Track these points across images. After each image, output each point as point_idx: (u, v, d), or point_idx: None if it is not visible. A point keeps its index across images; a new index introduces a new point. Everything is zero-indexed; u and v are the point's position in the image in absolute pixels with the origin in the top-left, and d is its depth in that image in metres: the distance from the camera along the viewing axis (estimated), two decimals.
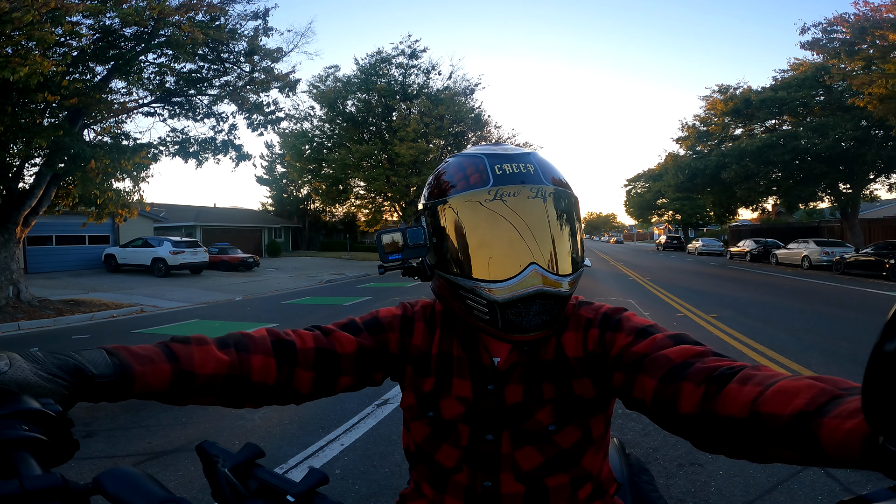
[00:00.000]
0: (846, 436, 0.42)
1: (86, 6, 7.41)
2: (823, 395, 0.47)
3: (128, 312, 9.78)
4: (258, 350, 0.72)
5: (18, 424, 0.46)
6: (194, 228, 28.13)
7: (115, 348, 0.62)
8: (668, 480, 2.65)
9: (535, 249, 0.73)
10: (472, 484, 0.76)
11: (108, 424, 3.51)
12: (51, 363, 0.54)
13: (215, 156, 11.91)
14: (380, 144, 25.53)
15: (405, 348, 0.84)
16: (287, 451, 3.09)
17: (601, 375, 0.74)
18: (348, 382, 0.79)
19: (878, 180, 23.02)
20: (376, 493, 2.57)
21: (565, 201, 0.76)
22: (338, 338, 0.78)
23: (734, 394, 0.53)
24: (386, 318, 0.84)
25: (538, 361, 0.78)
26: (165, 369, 0.63)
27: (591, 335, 0.76)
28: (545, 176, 0.76)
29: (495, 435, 0.75)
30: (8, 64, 6.58)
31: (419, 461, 0.81)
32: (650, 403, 0.64)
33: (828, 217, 31.68)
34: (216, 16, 9.79)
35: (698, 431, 0.58)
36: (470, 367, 0.79)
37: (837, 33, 16.19)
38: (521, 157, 0.77)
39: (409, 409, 0.82)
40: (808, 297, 10.54)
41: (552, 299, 0.73)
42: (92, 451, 3.12)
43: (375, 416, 3.68)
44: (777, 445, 0.49)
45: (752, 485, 2.57)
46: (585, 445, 0.76)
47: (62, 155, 8.61)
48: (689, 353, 0.63)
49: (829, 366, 4.81)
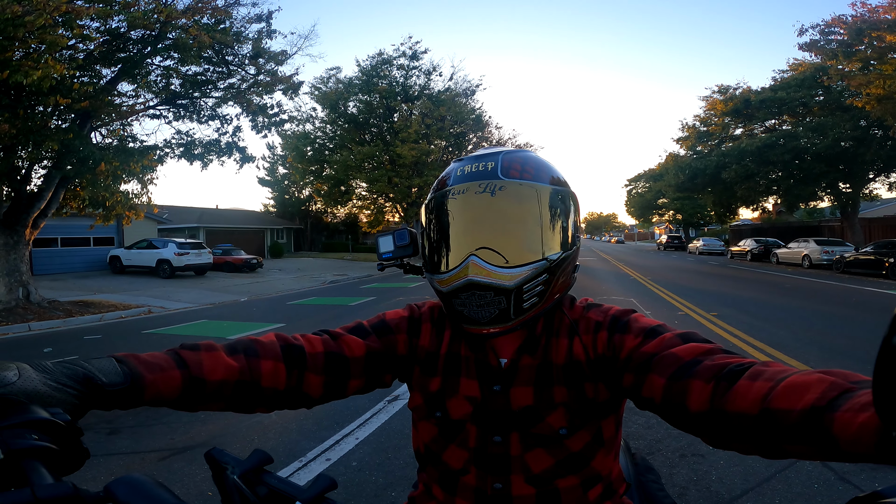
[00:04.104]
0: (859, 429, 0.42)
1: (96, 10, 7.53)
2: (834, 390, 0.47)
3: (136, 313, 9.91)
4: (267, 355, 0.72)
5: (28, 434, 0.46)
6: (198, 230, 28.29)
7: (124, 356, 0.62)
8: (671, 470, 2.77)
9: (476, 242, 0.74)
10: (482, 486, 0.76)
11: (131, 422, 3.63)
12: (60, 372, 0.54)
13: (220, 158, 12.04)
14: (381, 146, 25.67)
15: (413, 349, 0.85)
16: (305, 445, 3.22)
17: (612, 378, 0.74)
18: (358, 385, 0.80)
19: (878, 179, 23.16)
20: (392, 483, 2.69)
21: (528, 194, 0.75)
22: (346, 341, 0.79)
23: (744, 390, 0.53)
24: (393, 320, 0.86)
25: (548, 364, 0.78)
26: (175, 376, 0.63)
27: (600, 338, 0.76)
28: (506, 172, 0.76)
29: (503, 437, 0.76)
30: (20, 67, 6.71)
31: (428, 462, 0.82)
32: (660, 401, 0.64)
33: (828, 216, 31.80)
34: (221, 19, 9.92)
35: (709, 428, 0.58)
36: (477, 367, 0.79)
37: (835, 35, 16.31)
38: (486, 157, 0.79)
39: (417, 410, 0.83)
40: (807, 296, 10.65)
41: (492, 290, 0.72)
42: (118, 448, 3.24)
43: (387, 412, 3.81)
44: (790, 441, 0.49)
45: (751, 473, 2.70)
46: (596, 447, 0.76)
47: (71, 157, 8.75)
48: (697, 351, 0.64)
49: (827, 362, 4.93)
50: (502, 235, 0.74)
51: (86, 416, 0.56)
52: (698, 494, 2.53)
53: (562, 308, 0.83)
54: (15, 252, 9.61)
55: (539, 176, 0.78)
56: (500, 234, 0.74)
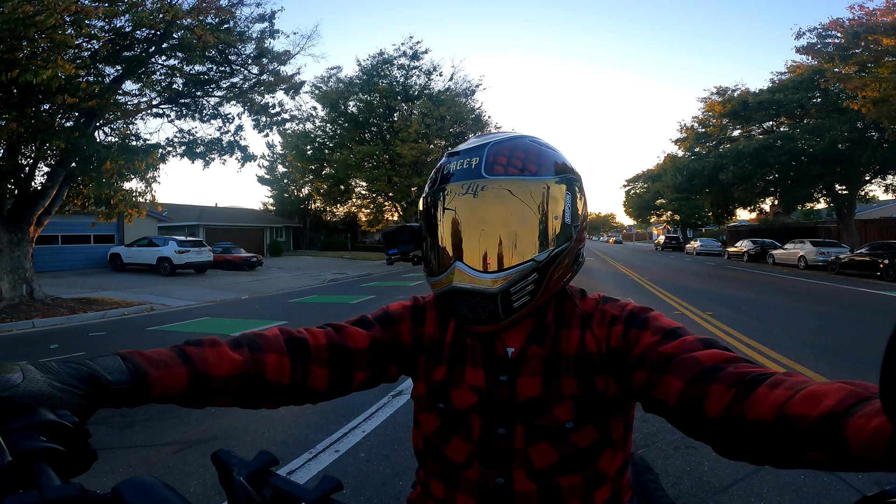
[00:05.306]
0: (872, 434, 0.41)
1: (104, 10, 7.62)
2: (852, 397, 0.46)
3: (139, 311, 10.00)
4: (271, 349, 0.72)
5: (36, 436, 0.47)
6: (197, 228, 28.35)
7: (129, 353, 0.61)
8: (665, 461, 2.91)
9: (459, 247, 0.74)
10: (484, 481, 0.74)
11: (144, 416, 3.75)
12: (65, 373, 0.54)
13: (221, 156, 12.12)
14: (381, 145, 25.80)
15: (418, 338, 0.84)
16: (314, 437, 3.34)
17: (621, 373, 0.73)
18: (363, 378, 0.79)
19: (874, 181, 23.34)
20: (399, 473, 2.82)
21: (513, 192, 0.72)
22: (350, 333, 0.79)
23: (763, 397, 0.52)
24: (397, 310, 0.86)
25: (558, 355, 0.76)
26: (181, 372, 0.63)
27: (614, 331, 0.75)
28: (490, 168, 0.73)
29: (508, 429, 0.74)
30: (30, 67, 6.80)
31: (429, 456, 0.80)
32: (674, 404, 0.62)
33: (825, 218, 32.02)
34: (225, 19, 10.01)
35: (722, 435, 0.57)
36: (484, 356, 0.78)
37: (832, 38, 16.47)
38: (472, 152, 0.75)
39: (420, 400, 0.82)
40: (801, 297, 10.81)
41: (477, 296, 0.72)
42: (133, 441, 3.35)
43: (392, 406, 3.94)
44: (802, 447, 0.48)
45: (742, 465, 2.82)
46: (603, 446, 0.74)
47: (76, 156, 8.83)
48: (720, 358, 0.62)
49: (818, 360, 5.07)
50: (485, 240, 0.73)
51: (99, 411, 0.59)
52: (691, 484, 2.66)
53: (572, 299, 0.81)
54: (19, 249, 9.69)
55: (528, 168, 0.74)
56: (482, 238, 0.73)
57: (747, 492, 2.56)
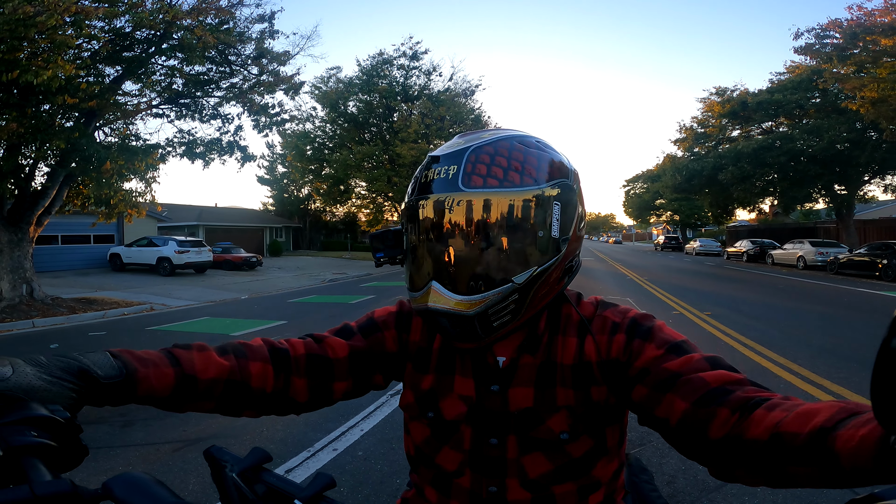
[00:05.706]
0: (860, 442, 0.41)
1: (104, 10, 7.65)
2: (843, 413, 0.46)
3: (138, 311, 10.02)
4: (256, 357, 0.72)
5: (27, 430, 0.46)
6: (197, 228, 28.38)
7: (118, 351, 0.62)
8: (661, 460, 2.94)
9: (434, 266, 0.71)
10: (477, 489, 0.74)
11: (144, 414, 3.77)
12: (55, 366, 0.54)
13: (221, 157, 12.15)
14: (381, 145, 25.82)
15: (403, 345, 0.82)
16: (313, 436, 3.37)
17: (620, 385, 0.71)
18: (345, 388, 0.79)
19: (873, 182, 23.40)
20: (397, 472, 2.84)
21: (490, 207, 0.67)
22: (330, 343, 0.78)
23: (759, 418, 0.53)
24: (381, 317, 0.84)
25: (552, 364, 0.74)
26: (169, 373, 0.63)
27: (616, 340, 0.72)
28: (467, 180, 0.68)
29: (500, 439, 0.73)
30: (30, 67, 6.82)
31: (420, 463, 0.80)
32: (675, 425, 0.61)
33: (824, 218, 32.05)
34: (225, 19, 10.03)
35: (720, 457, 0.56)
36: (473, 365, 0.76)
37: (831, 38, 16.50)
38: (450, 158, 0.71)
39: (409, 408, 0.81)
40: (800, 297, 10.85)
41: (452, 318, 0.69)
42: (132, 440, 3.37)
43: (390, 405, 3.96)
44: (794, 463, 0.48)
45: None
46: (598, 455, 0.73)
47: (76, 156, 8.86)
48: (727, 380, 0.61)
49: (814, 359, 5.10)
50: (461, 261, 0.69)
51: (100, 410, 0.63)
52: (686, 482, 2.69)
53: (568, 303, 0.78)
54: (19, 249, 9.71)
55: (510, 178, 0.68)
56: (458, 259, 0.69)
57: (742, 490, 2.58)
